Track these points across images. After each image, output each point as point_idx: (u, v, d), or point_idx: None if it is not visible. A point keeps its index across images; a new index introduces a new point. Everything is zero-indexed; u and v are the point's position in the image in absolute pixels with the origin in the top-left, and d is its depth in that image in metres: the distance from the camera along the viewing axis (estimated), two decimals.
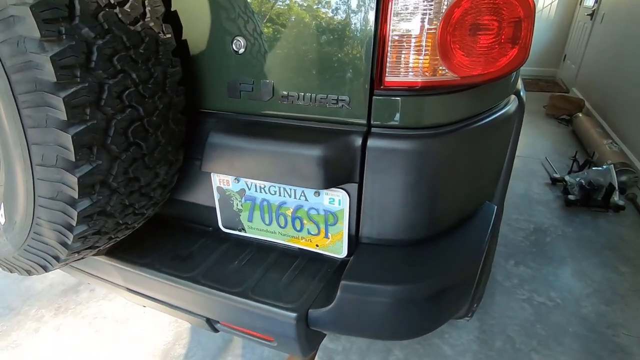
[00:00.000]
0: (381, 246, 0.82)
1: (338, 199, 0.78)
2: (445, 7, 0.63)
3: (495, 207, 0.97)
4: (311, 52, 0.71)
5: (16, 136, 0.58)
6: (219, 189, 0.89)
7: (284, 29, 0.72)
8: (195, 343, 1.63)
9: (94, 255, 0.93)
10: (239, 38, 0.75)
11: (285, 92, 0.76)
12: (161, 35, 0.68)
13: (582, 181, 2.47)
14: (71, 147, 0.57)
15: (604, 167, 2.51)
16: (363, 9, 0.65)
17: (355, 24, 0.67)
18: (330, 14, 0.68)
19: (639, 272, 1.98)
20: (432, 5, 0.63)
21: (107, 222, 0.72)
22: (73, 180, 0.60)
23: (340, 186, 0.77)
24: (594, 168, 2.60)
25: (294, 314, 0.79)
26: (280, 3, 0.71)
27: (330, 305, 0.76)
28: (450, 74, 0.67)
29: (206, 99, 0.83)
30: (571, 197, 2.50)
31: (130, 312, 1.79)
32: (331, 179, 0.74)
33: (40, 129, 0.57)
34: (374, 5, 0.65)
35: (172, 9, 0.76)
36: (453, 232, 0.85)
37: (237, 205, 0.90)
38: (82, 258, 0.81)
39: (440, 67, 0.66)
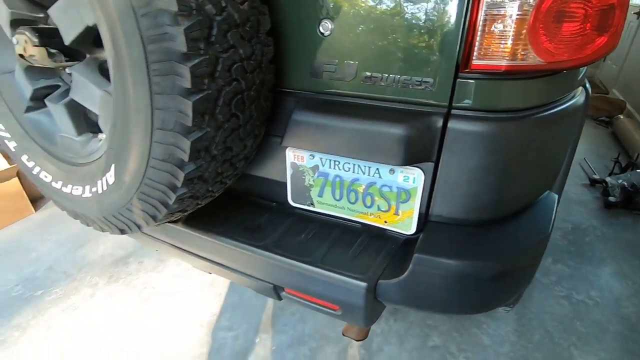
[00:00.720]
0: (450, 225, 0.85)
1: (413, 177, 0.82)
2: None
3: (557, 196, 0.99)
4: (398, 35, 0.75)
5: (141, 102, 0.65)
6: (293, 164, 0.95)
7: (371, 12, 0.76)
8: (239, 317, 1.71)
9: (172, 222, 1.01)
10: (326, 21, 0.80)
11: (368, 73, 0.80)
12: (261, 15, 0.74)
13: (625, 183, 2.42)
14: (190, 114, 0.64)
15: None
16: None
17: (445, 7, 0.70)
18: None
19: None
20: None
21: (201, 187, 0.79)
22: (186, 144, 0.67)
23: (416, 164, 0.81)
24: (637, 170, 2.54)
25: (364, 284, 0.84)
26: None
27: (402, 276, 0.81)
28: (537, 58, 0.69)
29: (287, 78, 0.88)
30: (612, 198, 2.45)
31: (177, 284, 1.89)
32: (410, 157, 0.78)
33: (165, 95, 0.63)
34: None
35: None
36: (519, 216, 0.87)
37: (309, 180, 0.95)
38: (171, 221, 0.88)
39: (528, 52, 0.69)
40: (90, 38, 0.74)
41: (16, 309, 1.76)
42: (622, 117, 3.54)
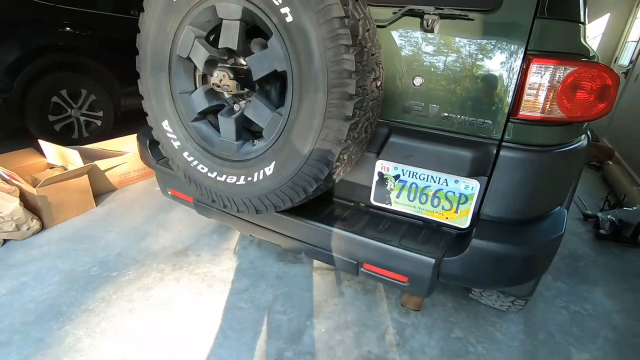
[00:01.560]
0: (495, 222, 1.21)
1: (471, 186, 1.19)
2: (562, 75, 1.05)
3: (566, 211, 1.36)
4: (471, 91, 1.14)
5: (315, 123, 1.01)
6: (379, 173, 1.31)
7: (452, 75, 1.15)
8: (290, 305, 2.01)
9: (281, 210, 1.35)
10: (418, 77, 1.19)
11: (446, 114, 1.18)
12: (383, 71, 1.12)
13: (614, 218, 2.81)
14: (345, 132, 1.00)
15: (634, 208, 2.85)
16: (512, 68, 1.08)
17: (504, 77, 1.09)
18: (488, 68, 1.11)
19: None
20: (554, 73, 1.05)
21: (328, 181, 1.14)
22: (337, 151, 1.03)
23: (475, 177, 1.18)
24: (624, 208, 2.94)
25: (433, 260, 1.18)
26: (451, 59, 1.14)
27: (462, 254, 1.15)
28: (560, 113, 1.08)
29: (386, 112, 1.26)
30: (602, 231, 2.83)
31: (232, 275, 2.19)
32: (472, 172, 1.15)
33: (332, 119, 1.00)
34: (518, 68, 1.07)
35: None
36: (542, 220, 1.24)
37: (390, 185, 1.31)
38: (299, 204, 1.22)
39: (555, 109, 1.08)
40: (269, 76, 1.12)
41: (98, 285, 2.04)
42: (610, 163, 4.00)
